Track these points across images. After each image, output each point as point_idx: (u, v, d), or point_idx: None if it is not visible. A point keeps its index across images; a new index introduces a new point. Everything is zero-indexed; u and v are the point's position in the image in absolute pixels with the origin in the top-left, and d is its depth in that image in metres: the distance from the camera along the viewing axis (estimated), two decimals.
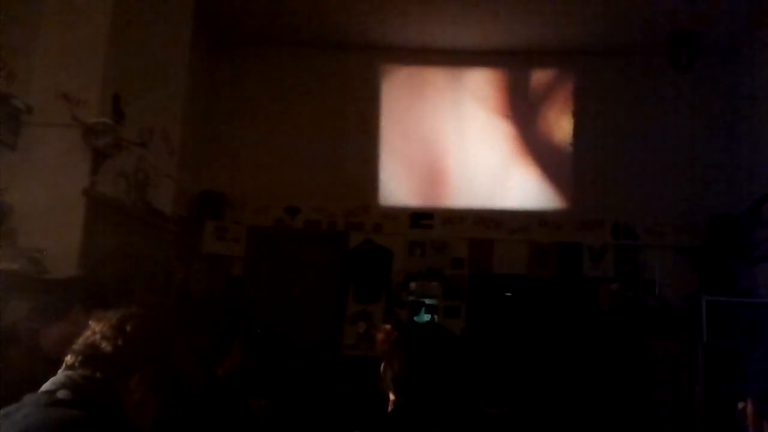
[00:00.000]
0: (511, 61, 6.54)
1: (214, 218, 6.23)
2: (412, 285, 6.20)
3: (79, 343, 1.41)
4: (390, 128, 6.54)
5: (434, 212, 6.32)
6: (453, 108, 6.54)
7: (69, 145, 3.67)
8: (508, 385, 5.34)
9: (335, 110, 6.55)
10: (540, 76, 6.54)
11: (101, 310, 1.65)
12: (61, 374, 1.36)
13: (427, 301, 6.15)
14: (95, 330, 1.42)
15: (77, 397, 1.30)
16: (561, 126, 6.41)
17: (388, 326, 4.21)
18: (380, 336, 4.17)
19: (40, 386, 1.35)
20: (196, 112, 5.94)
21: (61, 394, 1.30)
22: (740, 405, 1.29)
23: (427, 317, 6.07)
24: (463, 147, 6.46)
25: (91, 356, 1.37)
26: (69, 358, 1.39)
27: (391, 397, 1.71)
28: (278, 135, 6.55)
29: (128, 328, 1.41)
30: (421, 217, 6.32)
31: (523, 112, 6.47)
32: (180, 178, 5.23)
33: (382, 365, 1.77)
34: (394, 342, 2.01)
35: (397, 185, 6.44)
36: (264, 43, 6.65)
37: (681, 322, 5.40)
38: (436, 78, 6.63)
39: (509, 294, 6.13)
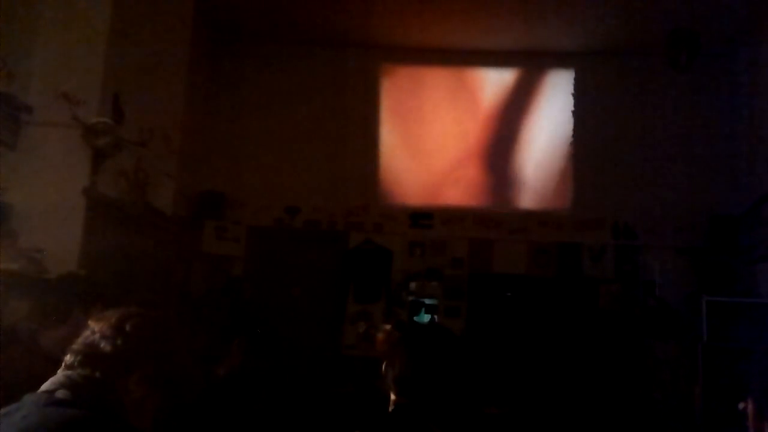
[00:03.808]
0: (511, 61, 6.54)
1: (214, 218, 6.23)
2: (412, 285, 6.20)
3: (79, 342, 1.41)
4: (390, 128, 6.54)
5: (434, 212, 6.32)
6: (453, 107, 6.53)
7: (69, 145, 3.67)
8: (508, 385, 5.34)
9: (335, 110, 6.55)
10: (540, 76, 6.54)
11: (101, 309, 1.65)
12: (60, 374, 1.36)
13: (427, 301, 6.14)
14: (94, 330, 1.42)
15: (76, 397, 1.30)
16: (561, 126, 6.40)
17: (388, 326, 4.21)
18: (380, 336, 4.17)
19: (40, 386, 1.34)
20: (196, 112, 5.93)
21: (61, 393, 1.30)
22: (740, 405, 1.29)
23: (427, 317, 6.07)
24: (463, 147, 6.45)
25: (91, 356, 1.37)
26: (68, 358, 1.38)
27: (393, 397, 1.71)
28: (278, 135, 6.54)
29: (127, 328, 1.40)
30: (420, 217, 6.31)
31: (522, 111, 6.47)
32: (180, 178, 5.23)
33: (384, 365, 1.77)
34: (396, 342, 2.01)
35: (397, 185, 6.43)
36: (264, 42, 6.64)
37: (681, 322, 5.39)
38: (437, 77, 6.63)
39: (509, 294, 6.13)
